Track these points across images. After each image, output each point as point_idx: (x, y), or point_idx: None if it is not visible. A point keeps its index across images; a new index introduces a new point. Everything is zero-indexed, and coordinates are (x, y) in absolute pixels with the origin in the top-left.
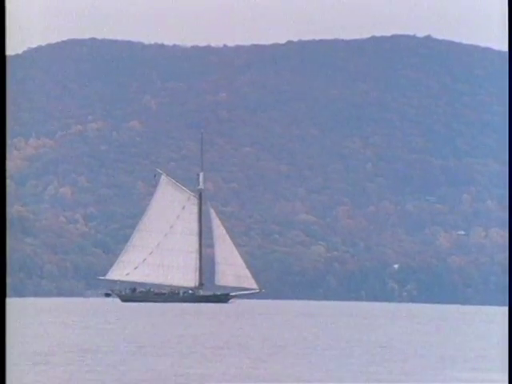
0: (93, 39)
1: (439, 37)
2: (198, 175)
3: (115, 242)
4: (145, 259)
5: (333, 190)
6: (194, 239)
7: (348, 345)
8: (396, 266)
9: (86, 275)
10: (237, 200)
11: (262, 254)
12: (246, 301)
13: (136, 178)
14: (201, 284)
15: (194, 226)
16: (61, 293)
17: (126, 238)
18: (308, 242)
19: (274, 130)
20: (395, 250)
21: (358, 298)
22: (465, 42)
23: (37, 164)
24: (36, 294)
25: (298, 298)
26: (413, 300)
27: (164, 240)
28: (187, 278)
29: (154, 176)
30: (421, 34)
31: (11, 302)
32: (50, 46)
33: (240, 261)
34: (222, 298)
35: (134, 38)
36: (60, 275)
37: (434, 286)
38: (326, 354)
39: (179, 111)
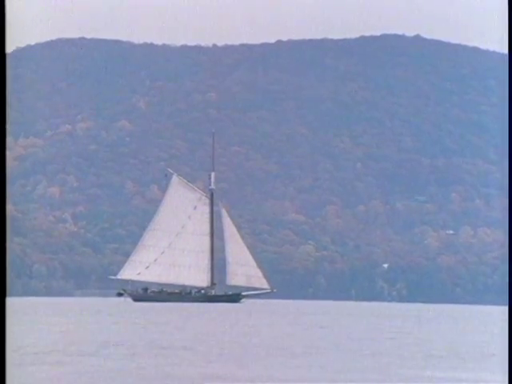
0: (82, 38)
1: (428, 36)
2: (210, 175)
3: (104, 241)
4: (156, 259)
5: (322, 190)
6: (206, 239)
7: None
8: (385, 265)
9: (75, 275)
10: (226, 200)
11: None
12: (257, 300)
13: (125, 178)
14: (213, 284)
15: (206, 225)
16: (49, 292)
17: (115, 238)
18: (297, 242)
19: (264, 130)
20: (384, 250)
21: (347, 298)
22: (453, 41)
23: (26, 163)
24: (25, 294)
25: (287, 297)
26: (402, 299)
27: (175, 240)
28: (199, 277)
29: (165, 175)
30: (410, 33)
31: (20, 302)
32: (39, 45)
33: (251, 261)
34: (234, 297)
35: (124, 38)
36: (49, 275)
37: (423, 285)
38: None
39: (168, 111)
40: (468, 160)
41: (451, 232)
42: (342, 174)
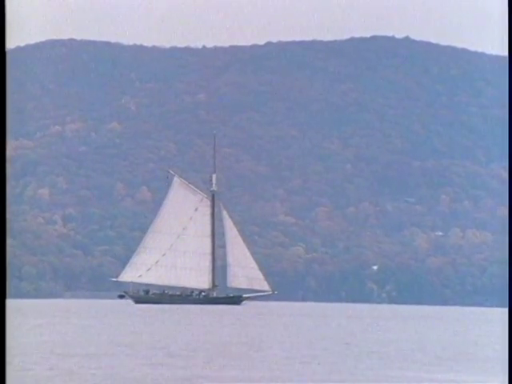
0: (71, 40)
1: (417, 38)
2: (211, 177)
3: (94, 243)
4: (157, 261)
5: (312, 191)
6: (207, 241)
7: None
8: (375, 267)
9: (65, 276)
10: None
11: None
12: (257, 303)
13: (115, 179)
14: (214, 286)
15: (207, 227)
16: (39, 294)
17: (104, 239)
18: (287, 243)
19: (253, 131)
20: (374, 251)
21: (337, 300)
22: (442, 43)
23: (15, 165)
24: (15, 296)
25: (277, 299)
26: (392, 301)
27: (177, 242)
28: (200, 279)
29: (167, 177)
30: (399, 35)
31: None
32: (28, 46)
33: (253, 263)
34: (235, 299)
35: (113, 39)
36: (38, 277)
37: (413, 287)
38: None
39: (158, 112)
40: (457, 162)
41: (440, 233)
42: (332, 175)
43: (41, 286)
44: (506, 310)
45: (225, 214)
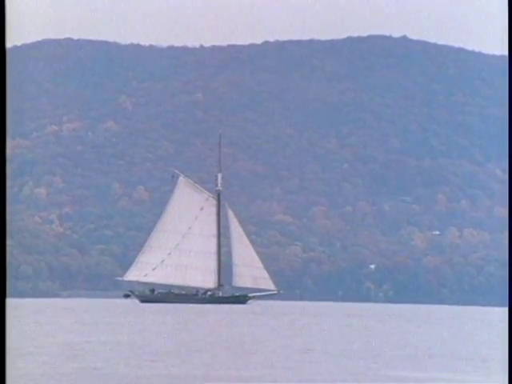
0: (68, 39)
1: (414, 37)
2: (216, 176)
3: (91, 242)
4: (163, 260)
5: (309, 191)
6: (213, 240)
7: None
8: (372, 266)
9: (62, 276)
10: None
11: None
12: (263, 302)
13: (112, 179)
14: (220, 285)
15: (213, 227)
16: (36, 293)
17: (101, 239)
18: (284, 243)
19: (251, 131)
20: (371, 251)
21: (334, 299)
22: (439, 42)
23: (12, 165)
24: (12, 295)
25: (275, 298)
26: (389, 300)
27: (182, 241)
28: (206, 279)
29: (172, 177)
30: (396, 34)
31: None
32: (25, 45)
33: (258, 262)
34: (241, 299)
35: (110, 38)
36: (35, 276)
37: (410, 286)
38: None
39: (155, 111)
40: (454, 161)
41: (437, 233)
42: (329, 174)
43: (37, 285)
44: (503, 309)
45: (230, 213)
